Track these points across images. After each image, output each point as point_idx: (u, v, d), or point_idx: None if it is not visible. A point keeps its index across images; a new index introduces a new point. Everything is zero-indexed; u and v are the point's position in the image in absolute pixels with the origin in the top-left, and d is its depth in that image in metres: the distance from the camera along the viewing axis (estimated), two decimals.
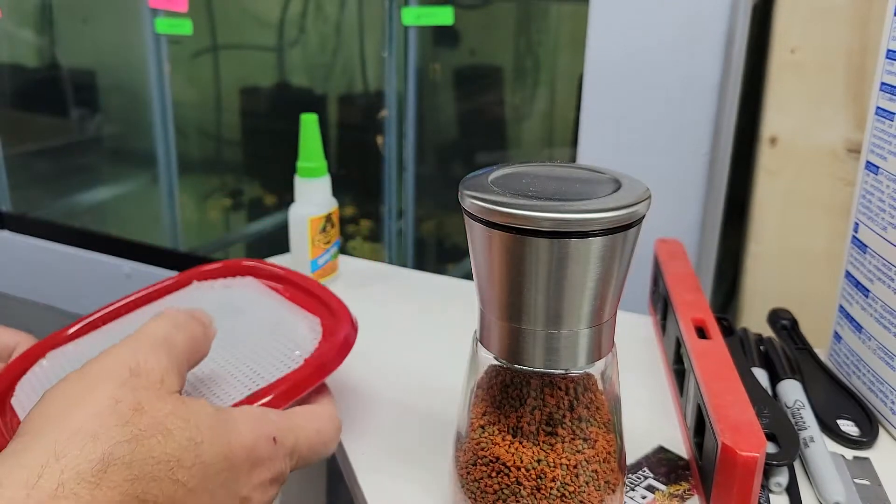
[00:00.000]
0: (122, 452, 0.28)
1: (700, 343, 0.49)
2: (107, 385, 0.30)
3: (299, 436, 0.37)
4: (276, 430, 0.35)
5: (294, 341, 0.45)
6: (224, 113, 1.41)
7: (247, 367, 0.43)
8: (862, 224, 0.52)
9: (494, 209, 0.32)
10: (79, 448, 0.28)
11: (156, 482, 0.29)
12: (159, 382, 0.32)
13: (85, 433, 0.28)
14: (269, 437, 0.35)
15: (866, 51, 0.69)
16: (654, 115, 0.76)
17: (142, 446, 0.29)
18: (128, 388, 0.30)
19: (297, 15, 1.30)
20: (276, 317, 0.48)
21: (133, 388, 0.31)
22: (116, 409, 0.29)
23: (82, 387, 0.30)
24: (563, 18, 1.13)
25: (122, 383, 0.31)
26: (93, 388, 0.30)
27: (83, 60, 1.48)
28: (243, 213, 1.45)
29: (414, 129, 1.13)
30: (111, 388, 0.30)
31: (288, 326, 0.47)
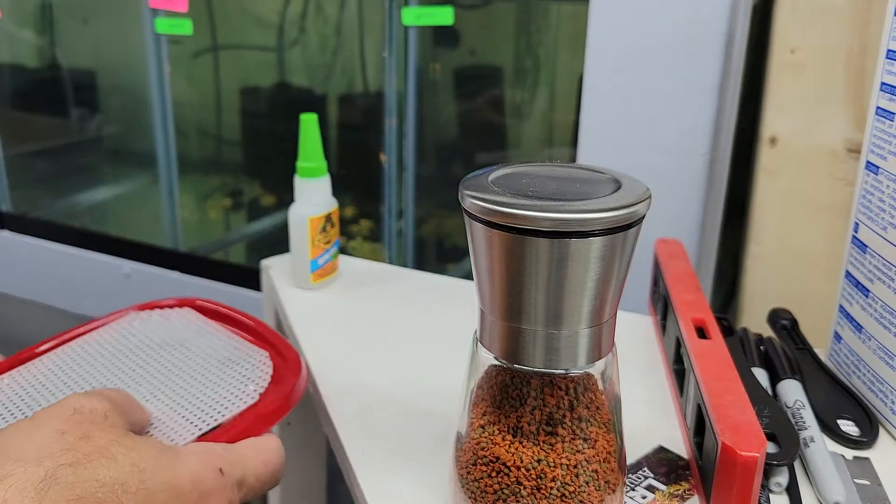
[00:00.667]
0: (65, 474, 0.29)
1: (700, 343, 0.49)
2: (52, 421, 0.32)
3: (247, 467, 0.38)
4: (222, 462, 0.36)
5: (245, 375, 0.45)
6: (224, 113, 1.41)
7: (199, 403, 0.42)
8: (862, 224, 0.52)
9: (494, 209, 0.32)
10: (22, 470, 0.29)
11: (98, 503, 0.30)
12: (103, 418, 0.33)
13: (29, 459, 0.30)
14: (215, 468, 0.35)
15: (866, 51, 0.69)
16: (654, 115, 0.76)
17: (85, 469, 0.30)
18: (73, 423, 0.32)
19: (297, 15, 1.30)
20: (224, 350, 0.47)
21: (77, 422, 0.32)
22: (61, 438, 0.31)
23: (29, 425, 0.32)
24: (563, 18, 1.13)
25: (67, 419, 0.32)
26: (39, 425, 0.32)
27: (83, 60, 1.48)
28: (243, 213, 1.45)
29: (414, 129, 1.13)
30: (57, 423, 0.32)
31: (237, 360, 0.46)
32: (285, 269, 0.71)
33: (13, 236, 1.34)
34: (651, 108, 0.76)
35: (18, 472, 0.29)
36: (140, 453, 0.32)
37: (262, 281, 0.73)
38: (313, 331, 0.62)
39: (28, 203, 1.46)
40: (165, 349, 0.47)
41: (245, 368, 0.46)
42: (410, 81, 1.10)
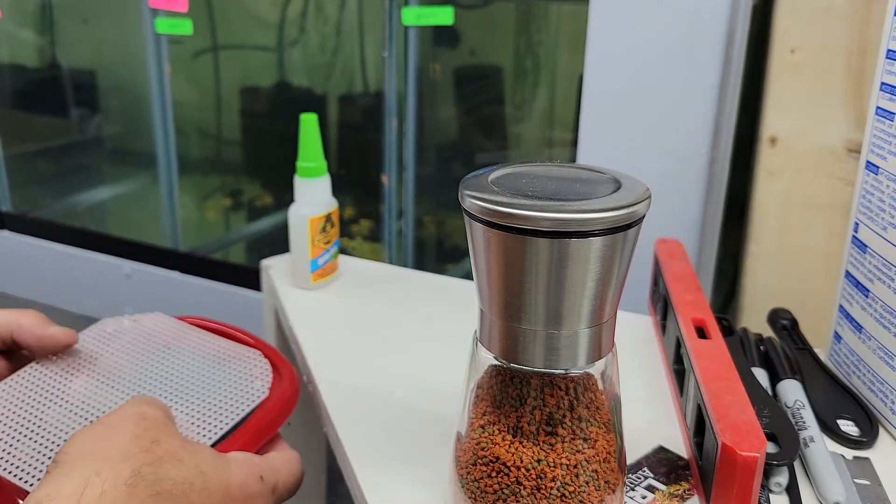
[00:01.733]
0: (147, 472, 0.34)
1: (700, 343, 0.49)
2: (126, 425, 0.36)
3: (279, 477, 0.42)
4: (261, 470, 0.40)
5: (248, 372, 0.45)
6: (224, 113, 1.41)
7: (212, 404, 0.43)
8: (862, 224, 0.52)
9: (494, 209, 0.32)
10: (113, 467, 0.33)
11: (173, 500, 0.34)
12: (164, 424, 0.38)
13: (116, 458, 0.34)
14: (257, 475, 0.40)
15: (866, 51, 0.69)
16: (654, 115, 0.76)
17: (161, 469, 0.34)
18: (142, 428, 0.36)
19: (297, 15, 1.30)
20: (213, 350, 0.48)
21: (146, 427, 0.36)
22: (138, 441, 0.35)
23: (104, 429, 0.36)
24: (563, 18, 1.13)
25: (137, 424, 0.36)
26: (115, 428, 0.36)
27: (83, 60, 1.48)
28: (243, 213, 1.45)
29: (414, 129, 1.13)
30: (130, 427, 0.36)
31: (232, 359, 0.47)
32: (285, 269, 0.71)
33: (13, 236, 1.34)
34: (651, 108, 0.76)
35: (111, 469, 0.33)
36: (201, 457, 0.37)
37: (262, 281, 0.73)
38: (313, 331, 0.62)
39: (28, 203, 1.46)
40: (154, 354, 0.47)
41: (244, 366, 0.46)
42: (410, 81, 1.10)
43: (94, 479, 0.32)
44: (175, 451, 0.36)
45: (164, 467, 0.35)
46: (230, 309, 1.15)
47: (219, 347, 0.48)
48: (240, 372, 0.45)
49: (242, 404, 0.43)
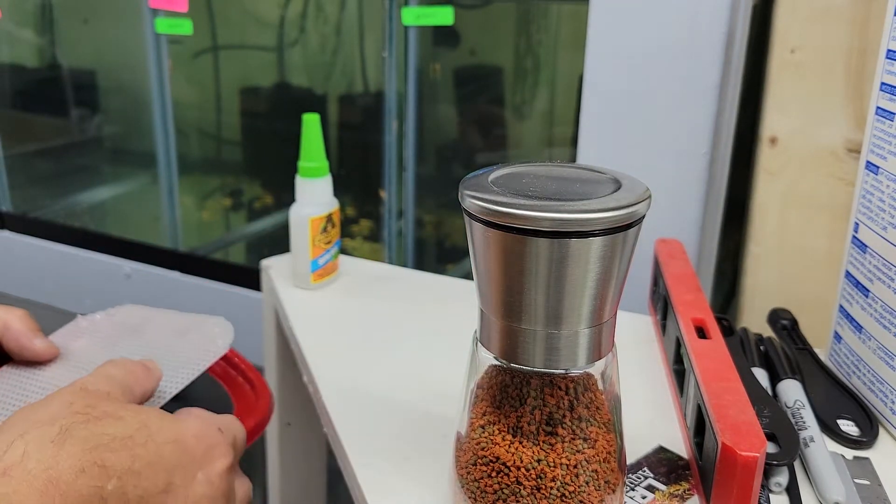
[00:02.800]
0: (78, 429, 0.33)
1: (700, 343, 0.49)
2: (63, 396, 0.36)
3: (235, 429, 0.41)
4: (219, 423, 0.40)
5: (209, 333, 0.46)
6: (224, 113, 1.41)
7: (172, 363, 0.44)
8: (862, 224, 0.52)
9: (494, 209, 0.32)
10: (39, 428, 0.32)
11: (113, 453, 0.33)
12: (106, 395, 0.37)
13: (44, 421, 0.33)
14: (214, 426, 0.39)
15: (866, 51, 0.69)
16: (654, 114, 0.76)
17: (96, 425, 0.34)
18: (79, 397, 0.36)
19: (297, 15, 1.30)
20: (179, 324, 0.49)
21: (84, 396, 0.36)
22: (70, 406, 0.35)
23: (41, 402, 0.35)
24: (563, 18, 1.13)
25: (74, 394, 0.36)
26: (50, 401, 0.35)
27: (83, 60, 1.48)
28: (243, 213, 1.45)
29: (414, 129, 1.13)
30: (65, 398, 0.35)
31: (196, 327, 0.48)
32: (285, 269, 0.71)
33: (13, 236, 1.34)
34: (651, 107, 0.76)
35: (35, 430, 0.32)
36: (145, 415, 0.36)
37: (262, 281, 0.73)
38: (313, 331, 0.62)
39: (28, 203, 1.46)
40: (123, 337, 0.48)
41: (207, 329, 0.47)
42: (410, 81, 1.10)
43: (17, 441, 0.31)
44: (114, 411, 0.35)
45: (100, 423, 0.34)
46: (230, 309, 1.15)
47: (184, 321, 0.49)
48: (201, 335, 0.46)
49: (201, 361, 0.44)
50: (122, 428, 0.34)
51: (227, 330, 0.47)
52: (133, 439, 0.34)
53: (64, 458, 0.31)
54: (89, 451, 0.32)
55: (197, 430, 0.37)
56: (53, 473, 0.31)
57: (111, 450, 0.33)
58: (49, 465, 0.31)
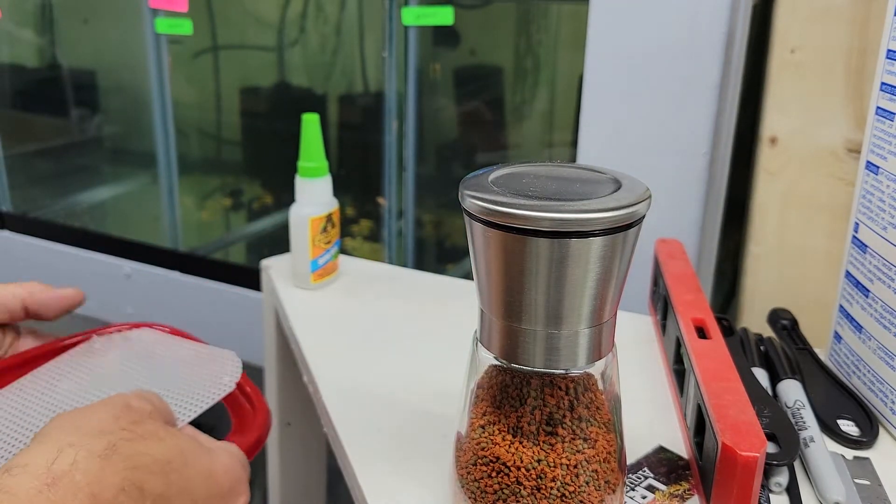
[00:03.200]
0: (124, 446, 0.34)
1: (700, 343, 0.49)
2: (107, 409, 0.36)
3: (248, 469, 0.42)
4: (241, 459, 0.41)
5: (218, 370, 0.46)
6: (224, 113, 1.41)
7: (176, 398, 0.44)
8: (862, 224, 0.52)
9: (494, 209, 0.32)
10: (89, 439, 0.33)
11: (152, 475, 0.34)
12: (149, 413, 0.38)
13: (94, 432, 0.34)
14: (240, 462, 0.40)
15: (866, 51, 0.69)
16: (654, 114, 0.76)
17: (140, 444, 0.35)
18: (124, 412, 0.37)
19: (297, 15, 1.30)
20: (189, 356, 0.49)
21: (128, 413, 0.37)
22: (117, 421, 0.35)
23: (87, 410, 0.36)
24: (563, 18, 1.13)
25: (119, 410, 0.37)
26: (95, 411, 0.36)
27: (83, 60, 1.48)
28: (243, 213, 1.45)
29: (414, 129, 1.13)
30: (111, 410, 0.36)
31: (206, 361, 0.48)
32: (285, 269, 0.71)
33: (13, 236, 1.34)
34: (651, 108, 0.76)
35: (85, 441, 0.33)
36: (183, 440, 0.37)
37: (262, 281, 0.73)
38: (313, 331, 0.62)
39: (28, 203, 1.46)
40: (133, 360, 0.48)
41: (216, 365, 0.47)
42: (410, 81, 1.10)
43: (67, 449, 0.32)
44: (156, 431, 0.36)
45: (143, 443, 0.35)
46: (230, 309, 1.15)
47: (196, 353, 0.49)
48: (210, 372, 0.46)
49: (206, 398, 0.44)
50: (163, 451, 0.35)
51: (236, 367, 0.47)
52: (171, 465, 0.35)
53: (108, 475, 0.32)
54: (131, 471, 0.33)
55: (226, 464, 0.39)
56: (96, 489, 0.31)
57: (151, 472, 0.34)
58: (93, 481, 0.32)
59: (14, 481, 0.30)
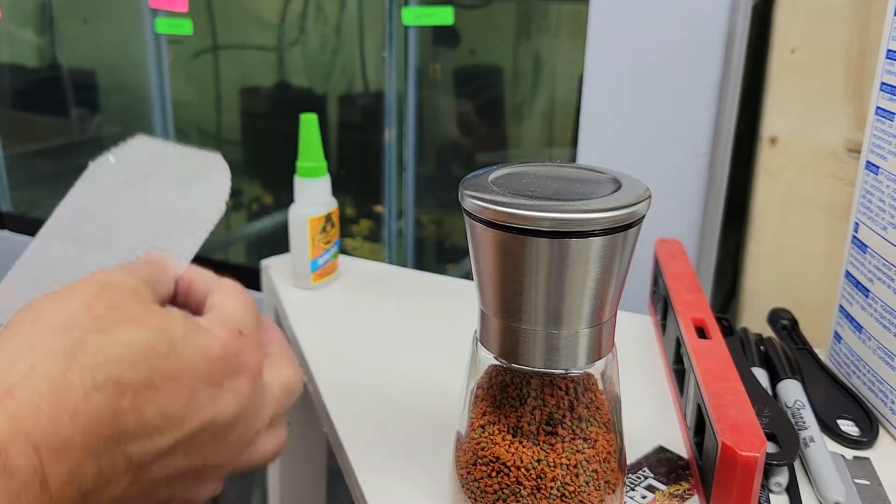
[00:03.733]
0: (93, 339, 0.30)
1: (700, 343, 0.49)
2: (79, 294, 0.32)
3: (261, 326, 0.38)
4: (239, 325, 0.36)
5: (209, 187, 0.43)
6: (224, 113, 1.41)
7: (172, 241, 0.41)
8: (862, 224, 0.52)
9: (494, 209, 0.32)
10: (50, 337, 0.29)
11: (130, 366, 0.30)
12: (132, 291, 0.33)
13: (57, 326, 0.30)
14: (236, 331, 0.35)
15: (866, 51, 0.69)
16: (654, 114, 0.76)
17: (113, 333, 0.30)
18: (99, 295, 0.32)
19: (297, 15, 1.30)
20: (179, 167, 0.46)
21: (104, 295, 0.32)
22: (89, 309, 0.31)
23: (55, 297, 0.32)
24: (563, 18, 1.13)
25: (94, 292, 0.32)
26: (65, 297, 0.32)
27: (83, 60, 1.48)
28: (243, 213, 1.45)
29: (414, 129, 1.13)
30: (83, 297, 0.32)
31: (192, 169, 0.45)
32: (285, 269, 0.71)
33: (13, 236, 1.34)
34: (651, 107, 0.76)
35: (46, 340, 0.29)
36: (168, 319, 0.32)
37: (262, 281, 0.73)
38: (313, 331, 0.62)
39: (28, 203, 1.46)
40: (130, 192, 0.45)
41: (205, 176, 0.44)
42: (410, 81, 1.10)
43: (26, 352, 0.29)
44: (135, 314, 0.32)
45: (118, 332, 0.30)
46: None
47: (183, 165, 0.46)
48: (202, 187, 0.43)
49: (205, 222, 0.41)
50: (142, 336, 0.31)
51: (224, 171, 0.43)
52: (154, 349, 0.31)
53: (75, 373, 0.28)
54: (102, 366, 0.29)
55: (222, 339, 0.34)
56: (63, 393, 0.28)
57: (128, 363, 0.30)
58: (58, 384, 0.28)
59: None
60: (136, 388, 0.30)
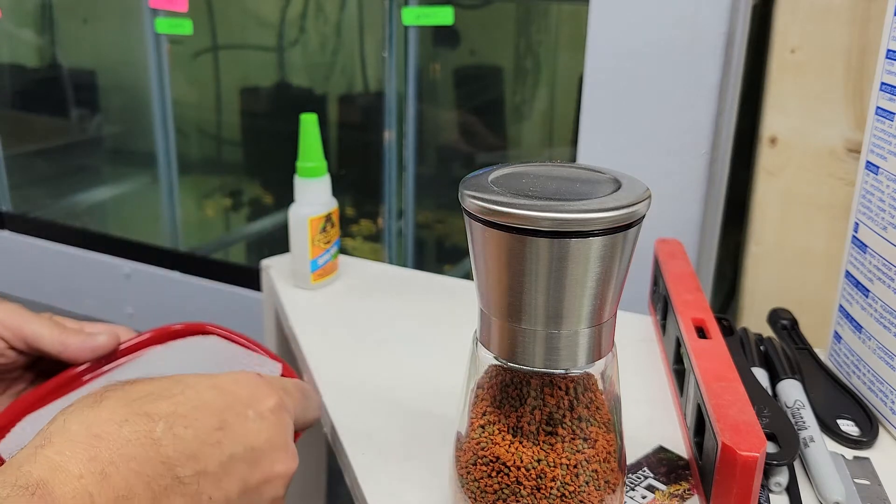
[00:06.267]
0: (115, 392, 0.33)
1: (700, 343, 0.49)
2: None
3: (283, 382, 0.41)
4: (257, 370, 0.40)
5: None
6: (224, 113, 1.41)
7: None
8: (862, 224, 0.52)
9: (494, 209, 0.32)
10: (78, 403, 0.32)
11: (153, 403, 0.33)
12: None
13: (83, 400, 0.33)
14: (252, 373, 0.39)
15: (866, 51, 0.69)
16: (654, 115, 0.76)
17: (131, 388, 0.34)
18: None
19: (297, 15, 1.30)
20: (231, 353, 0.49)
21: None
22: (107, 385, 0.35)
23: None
24: (563, 18, 1.13)
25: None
26: None
27: (83, 60, 1.48)
28: (243, 213, 1.45)
29: (414, 129, 1.13)
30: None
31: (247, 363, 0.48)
32: (285, 269, 0.71)
33: (13, 236, 1.34)
34: (651, 107, 0.76)
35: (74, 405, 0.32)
36: (178, 375, 0.36)
37: (262, 281, 0.73)
38: (313, 331, 0.62)
39: (28, 203, 1.46)
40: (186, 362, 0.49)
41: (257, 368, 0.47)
42: (410, 81, 1.10)
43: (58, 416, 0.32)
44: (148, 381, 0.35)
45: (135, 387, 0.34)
46: (230, 309, 1.15)
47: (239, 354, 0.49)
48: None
49: None
50: (157, 386, 0.34)
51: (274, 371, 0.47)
52: (170, 390, 0.34)
53: (105, 414, 0.31)
54: (129, 405, 0.32)
55: (234, 377, 0.37)
56: (96, 429, 0.30)
57: (151, 401, 0.33)
58: (90, 424, 0.31)
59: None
60: (165, 417, 0.33)
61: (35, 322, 0.46)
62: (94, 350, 0.47)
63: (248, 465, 0.35)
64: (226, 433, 0.34)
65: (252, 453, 0.35)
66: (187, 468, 0.32)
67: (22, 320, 0.46)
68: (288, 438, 0.38)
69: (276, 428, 0.37)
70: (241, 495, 0.35)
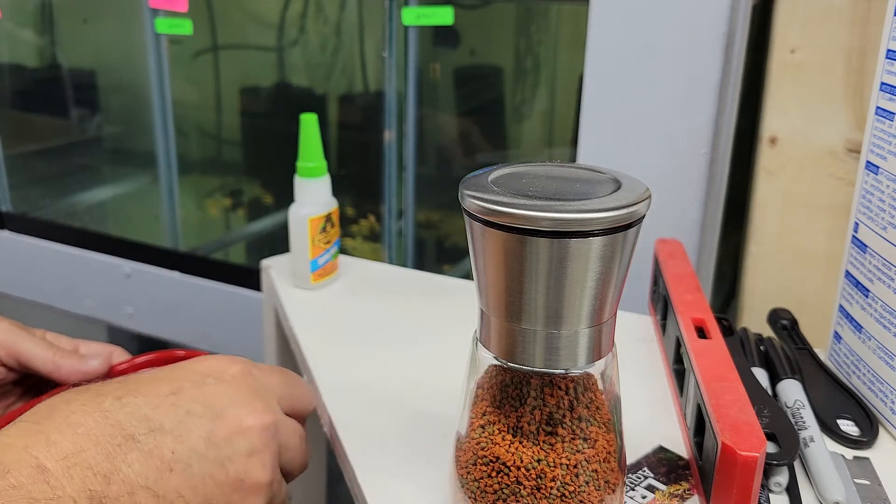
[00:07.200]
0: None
1: (700, 343, 0.49)
2: None
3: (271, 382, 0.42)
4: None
5: None
6: (224, 113, 1.41)
7: None
8: (862, 224, 0.52)
9: (494, 209, 0.32)
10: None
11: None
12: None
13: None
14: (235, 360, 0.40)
15: (866, 51, 0.69)
16: (654, 114, 0.76)
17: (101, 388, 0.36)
18: None
19: (297, 15, 1.30)
20: None
21: None
22: None
23: None
24: (563, 18, 1.13)
25: None
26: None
27: (83, 60, 1.48)
28: (243, 213, 1.45)
29: (414, 129, 1.13)
30: None
31: None
32: (285, 269, 0.71)
33: (13, 236, 1.34)
34: (651, 108, 0.76)
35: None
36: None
37: (262, 281, 0.73)
38: (313, 331, 0.62)
39: (28, 203, 1.46)
40: None
41: None
42: (410, 81, 1.10)
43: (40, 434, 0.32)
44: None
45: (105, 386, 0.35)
46: (230, 309, 1.15)
47: None
48: None
49: None
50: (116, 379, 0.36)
51: None
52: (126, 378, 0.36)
53: (55, 401, 0.33)
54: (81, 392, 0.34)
55: (197, 359, 0.39)
56: (45, 413, 0.32)
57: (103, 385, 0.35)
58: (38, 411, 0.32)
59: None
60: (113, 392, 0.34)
61: (29, 341, 0.47)
62: (85, 374, 0.48)
63: (209, 420, 0.36)
64: (180, 396, 0.35)
65: (212, 409, 0.36)
66: (140, 427, 0.33)
67: (16, 338, 0.46)
68: (257, 396, 0.39)
69: (239, 387, 0.38)
70: (209, 448, 0.35)
